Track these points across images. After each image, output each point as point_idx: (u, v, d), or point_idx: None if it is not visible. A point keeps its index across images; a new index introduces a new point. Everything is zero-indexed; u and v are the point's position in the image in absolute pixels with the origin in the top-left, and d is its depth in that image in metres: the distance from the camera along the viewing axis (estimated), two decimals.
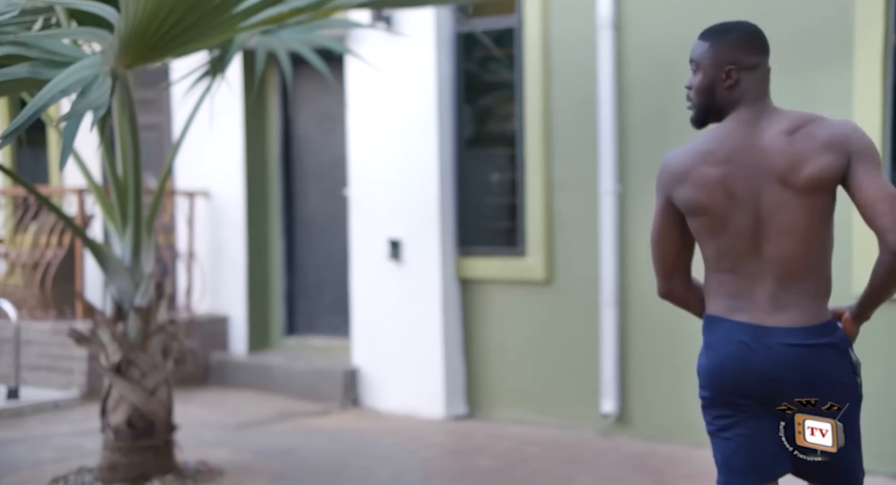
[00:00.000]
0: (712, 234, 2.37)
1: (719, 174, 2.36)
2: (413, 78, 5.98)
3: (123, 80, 3.90)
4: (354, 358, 6.36)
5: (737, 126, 2.42)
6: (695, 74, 2.47)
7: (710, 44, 2.48)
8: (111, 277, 4.46)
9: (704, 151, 2.41)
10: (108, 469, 4.39)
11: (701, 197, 2.35)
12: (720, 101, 2.45)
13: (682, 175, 2.40)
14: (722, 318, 2.39)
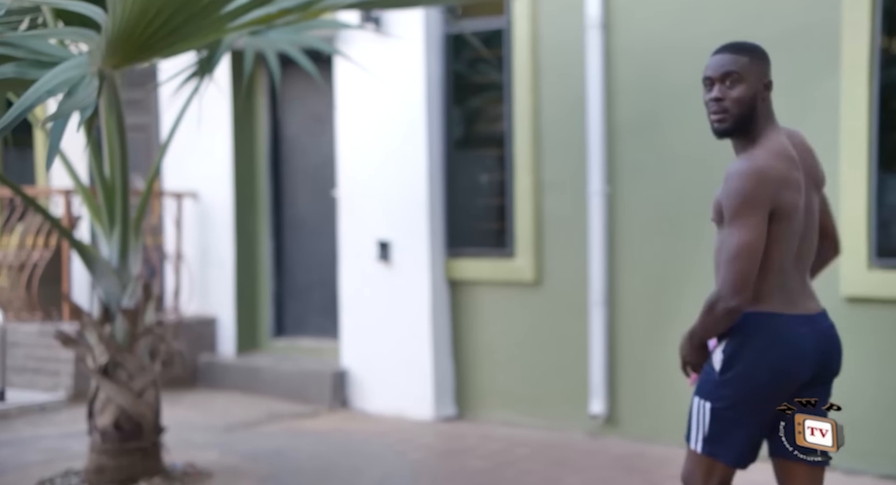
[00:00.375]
0: (785, 237, 2.52)
1: (802, 179, 2.56)
2: (402, 79, 5.97)
3: (111, 80, 3.88)
4: (343, 359, 6.35)
5: (784, 137, 2.61)
6: (734, 86, 2.57)
7: (749, 58, 2.59)
8: (98, 279, 4.44)
9: (789, 158, 2.55)
10: (95, 472, 4.36)
11: (798, 199, 2.52)
12: (757, 113, 2.59)
13: (785, 180, 2.50)
14: (780, 314, 2.54)
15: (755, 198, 2.45)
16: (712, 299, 2.52)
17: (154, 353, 4.50)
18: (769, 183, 2.46)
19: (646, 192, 5.28)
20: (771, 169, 2.49)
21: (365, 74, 5.58)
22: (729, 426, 2.59)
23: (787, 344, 2.52)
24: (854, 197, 4.58)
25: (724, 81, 2.59)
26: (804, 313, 2.55)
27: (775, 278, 2.53)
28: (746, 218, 2.44)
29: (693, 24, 5.08)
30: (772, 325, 2.53)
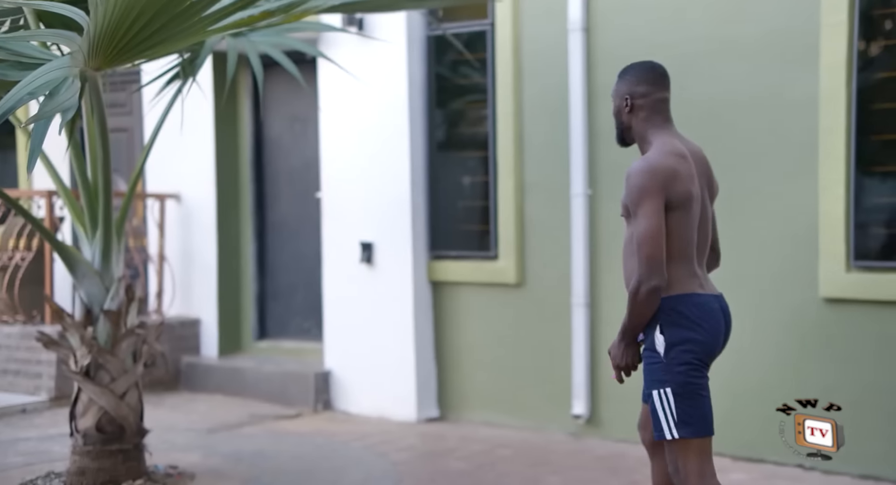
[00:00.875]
0: (684, 225, 2.84)
1: (690, 172, 2.88)
2: (385, 81, 5.99)
3: (93, 82, 3.88)
4: (326, 361, 6.36)
5: (676, 139, 2.98)
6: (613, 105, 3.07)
7: (617, 80, 3.07)
8: (80, 281, 4.43)
9: (680, 154, 2.89)
10: (77, 474, 4.36)
11: (692, 189, 2.84)
12: (632, 123, 3.03)
13: (675, 172, 2.83)
14: (701, 293, 2.87)
15: (650, 189, 2.79)
16: (634, 287, 2.82)
17: (137, 354, 4.49)
18: (659, 175, 2.80)
19: None
20: (660, 164, 2.83)
21: (348, 77, 5.59)
22: (692, 399, 2.82)
23: (713, 316, 2.87)
24: (833, 199, 4.64)
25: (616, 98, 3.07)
26: (714, 293, 2.94)
27: (686, 266, 2.87)
28: (646, 208, 2.79)
29: (673, 28, 5.13)
30: (697, 302, 2.86)
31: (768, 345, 4.87)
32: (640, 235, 2.78)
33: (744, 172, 4.94)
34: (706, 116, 5.05)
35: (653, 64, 3.07)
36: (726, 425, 4.95)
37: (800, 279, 4.76)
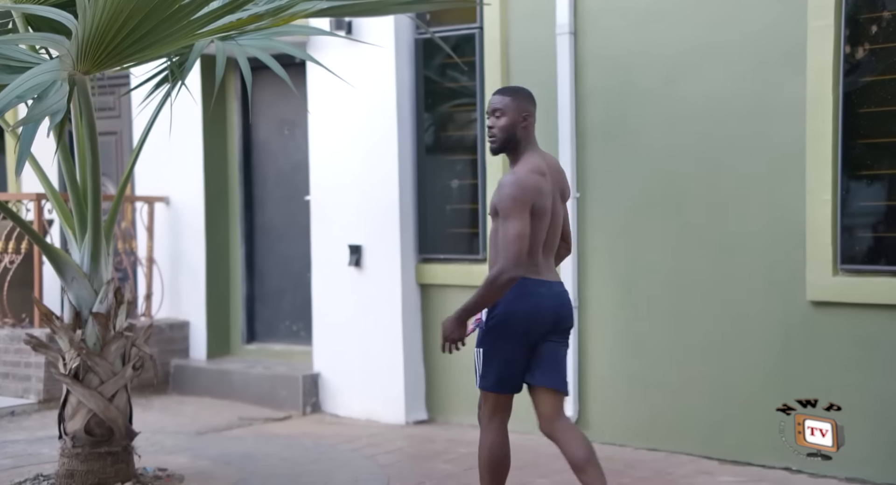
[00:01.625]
0: (539, 229, 3.48)
1: (549, 187, 3.52)
2: (373, 84, 6.01)
3: (82, 85, 3.88)
4: (315, 364, 6.37)
5: (538, 156, 3.55)
6: (500, 118, 3.51)
7: (511, 98, 3.53)
8: (69, 284, 4.43)
9: (542, 173, 3.52)
10: (66, 476, 4.36)
11: (548, 204, 3.50)
12: (518, 137, 3.53)
13: (539, 189, 3.46)
14: (534, 278, 3.50)
15: (520, 200, 3.39)
16: (495, 274, 3.37)
17: (125, 357, 4.50)
18: (529, 190, 3.42)
19: (614, 196, 5.35)
20: (529, 181, 3.44)
21: (336, 80, 5.61)
22: (494, 363, 3.49)
23: (531, 298, 3.46)
24: (820, 202, 4.66)
25: (494, 114, 3.53)
26: (544, 279, 3.50)
27: (529, 258, 3.45)
28: (518, 214, 3.38)
29: (660, 31, 5.16)
30: (520, 285, 3.42)
31: (755, 348, 4.90)
32: (509, 235, 3.37)
33: (730, 175, 4.97)
34: (692, 120, 5.08)
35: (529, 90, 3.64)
36: (713, 428, 5.01)
37: (786, 283, 4.79)
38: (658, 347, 5.20)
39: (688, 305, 5.10)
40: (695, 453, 5.03)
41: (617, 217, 5.34)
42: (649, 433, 5.22)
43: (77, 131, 4.43)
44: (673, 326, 5.15)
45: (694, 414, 5.08)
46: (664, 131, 5.18)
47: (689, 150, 5.11)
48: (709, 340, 5.04)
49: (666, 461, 4.95)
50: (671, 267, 5.18)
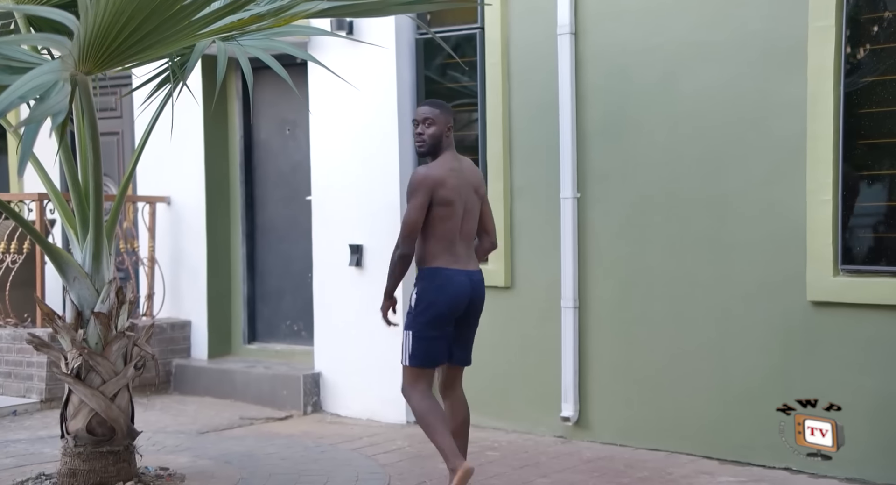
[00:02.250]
0: (446, 219, 4.06)
1: (457, 183, 4.09)
2: (374, 84, 6.02)
3: (84, 86, 3.89)
4: (316, 364, 6.38)
5: (452, 158, 4.15)
6: (428, 127, 4.12)
7: (439, 110, 4.16)
8: (71, 283, 4.44)
9: (450, 169, 4.10)
10: (68, 475, 4.37)
11: (451, 195, 4.05)
12: (442, 144, 4.15)
13: (441, 182, 4.04)
14: (447, 268, 4.07)
15: (419, 190, 4.01)
16: (392, 253, 4.08)
17: (127, 357, 4.51)
18: (429, 182, 4.02)
19: (614, 196, 5.36)
20: (431, 174, 4.04)
21: (337, 80, 5.61)
22: (423, 343, 4.07)
23: (452, 285, 4.05)
24: (820, 202, 4.67)
25: (424, 123, 4.13)
26: (463, 269, 4.09)
27: (444, 245, 4.07)
28: (413, 202, 4.02)
29: (660, 32, 5.17)
30: (443, 274, 4.06)
31: (755, 349, 4.90)
32: (404, 218, 4.03)
33: (731, 176, 4.98)
34: (693, 120, 5.09)
35: None
36: (713, 428, 5.01)
37: (787, 283, 4.80)
38: (658, 347, 5.21)
39: (688, 305, 5.11)
40: (695, 453, 5.04)
41: (617, 217, 5.35)
42: (649, 433, 5.23)
43: (79, 132, 4.44)
44: (673, 326, 5.16)
45: (694, 414, 5.08)
46: (664, 131, 5.18)
47: (690, 150, 5.12)
48: (709, 341, 5.05)
49: (666, 461, 4.96)
50: (671, 267, 5.18)
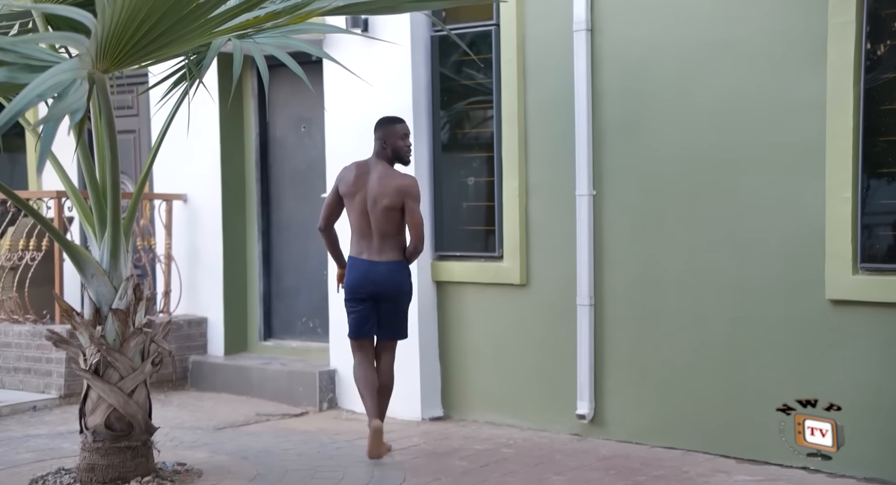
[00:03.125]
0: (351, 212, 4.99)
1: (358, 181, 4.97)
2: (389, 82, 6.02)
3: (101, 84, 3.92)
4: (332, 360, 6.39)
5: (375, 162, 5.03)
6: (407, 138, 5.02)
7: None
8: (89, 280, 4.47)
9: (357, 167, 5.02)
10: (87, 470, 4.40)
11: (350, 190, 4.96)
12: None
13: (348, 178, 4.99)
14: (354, 256, 4.98)
15: (336, 182, 5.05)
16: None
17: (145, 353, 4.54)
18: (340, 176, 5.03)
19: (630, 194, 5.34)
20: (345, 170, 5.06)
21: (353, 78, 5.62)
22: (348, 319, 5.01)
23: (351, 271, 4.97)
24: (840, 201, 4.63)
25: (408, 137, 5.05)
26: (366, 259, 4.93)
27: (355, 238, 4.98)
28: (328, 196, 5.11)
29: (677, 28, 5.14)
30: (351, 262, 4.99)
31: (773, 347, 4.88)
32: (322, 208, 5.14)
33: (748, 174, 4.95)
34: (710, 117, 5.06)
35: None
36: (730, 427, 4.99)
37: (805, 281, 4.77)
38: (674, 345, 5.19)
39: (704, 303, 5.09)
40: (712, 451, 5.02)
41: (633, 215, 5.33)
42: (665, 431, 5.21)
43: (96, 130, 4.47)
44: (690, 324, 5.14)
45: (711, 413, 5.07)
46: (681, 129, 5.16)
47: (707, 147, 5.09)
48: (726, 339, 5.02)
49: (682, 460, 4.95)
50: (687, 265, 5.16)
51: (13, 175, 8.53)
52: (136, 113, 7.76)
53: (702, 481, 4.54)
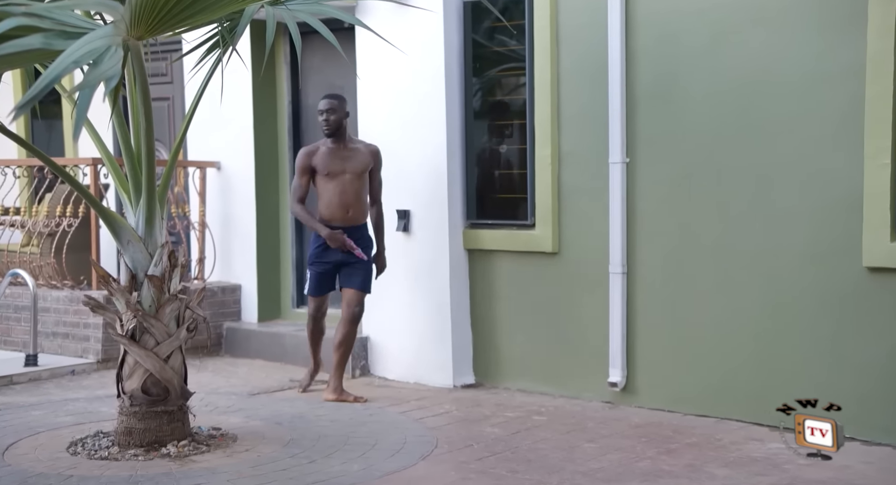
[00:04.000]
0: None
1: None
2: (421, 49, 5.99)
3: (135, 51, 3.93)
4: (364, 327, 6.43)
5: (348, 140, 5.69)
6: (332, 114, 5.61)
7: (338, 101, 5.66)
8: (125, 247, 4.53)
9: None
10: (124, 434, 4.49)
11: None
12: (343, 128, 5.64)
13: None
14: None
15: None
16: None
17: (180, 319, 4.59)
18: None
19: (663, 161, 5.29)
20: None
21: (385, 45, 5.59)
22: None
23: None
24: (878, 167, 4.56)
25: (328, 111, 5.61)
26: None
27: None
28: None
29: None
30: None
31: (807, 315, 4.84)
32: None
33: (783, 141, 4.89)
34: (744, 84, 4.99)
35: None
36: (764, 395, 4.97)
37: (841, 249, 4.72)
38: (708, 313, 5.17)
39: (738, 270, 5.05)
40: (745, 419, 5.01)
41: (666, 182, 5.29)
42: (698, 399, 5.20)
43: (131, 97, 4.49)
44: (723, 292, 5.11)
45: (744, 381, 5.04)
46: (716, 95, 5.09)
47: (741, 114, 5.03)
48: (759, 306, 4.99)
49: (715, 427, 4.94)
50: (721, 233, 5.12)
51: (50, 142, 8.62)
52: (169, 80, 7.79)
53: (735, 449, 4.53)
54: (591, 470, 4.22)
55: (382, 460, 4.38)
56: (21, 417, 5.21)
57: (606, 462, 4.34)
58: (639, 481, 4.07)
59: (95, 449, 4.50)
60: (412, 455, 4.46)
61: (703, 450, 4.54)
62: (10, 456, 4.47)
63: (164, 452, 4.42)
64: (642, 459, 4.39)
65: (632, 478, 4.10)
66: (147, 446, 4.44)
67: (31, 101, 3.37)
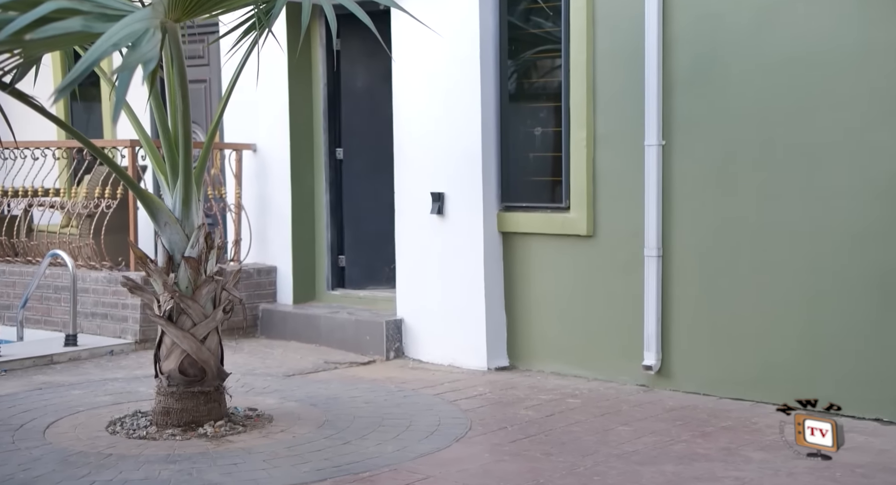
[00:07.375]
0: None
1: None
2: (457, 31, 5.97)
3: (173, 33, 3.96)
4: (398, 310, 6.46)
5: None
6: None
7: None
8: (162, 229, 4.57)
9: None
10: (162, 413, 4.55)
11: None
12: None
13: None
14: None
15: None
16: None
17: (216, 301, 4.64)
18: None
19: (700, 143, 5.24)
20: None
21: (420, 27, 5.58)
22: None
23: None
24: None
25: None
26: None
27: None
28: None
29: None
30: None
31: (850, 299, 4.78)
32: None
33: (827, 121, 4.81)
34: (786, 64, 4.92)
35: None
36: (801, 380, 4.92)
37: (887, 232, 4.65)
38: (744, 297, 5.12)
39: (777, 254, 5.00)
40: (782, 403, 4.95)
41: (704, 166, 5.23)
42: (734, 383, 5.17)
43: (168, 79, 4.52)
44: (761, 276, 5.05)
45: (781, 365, 5.00)
46: (756, 77, 5.02)
47: (783, 95, 4.95)
48: (800, 291, 4.93)
49: (751, 411, 4.91)
50: (760, 216, 5.06)
51: (89, 124, 8.72)
52: (206, 63, 7.83)
53: (770, 433, 4.50)
54: (626, 453, 4.21)
55: (416, 442, 4.40)
56: (61, 396, 5.30)
57: (641, 445, 4.33)
58: (674, 463, 4.05)
59: (134, 428, 4.56)
60: (446, 437, 4.48)
61: (739, 433, 4.51)
62: (51, 435, 4.55)
63: (200, 432, 4.47)
64: (677, 442, 4.37)
65: (666, 461, 4.09)
66: (184, 426, 4.50)
67: (71, 83, 3.40)
